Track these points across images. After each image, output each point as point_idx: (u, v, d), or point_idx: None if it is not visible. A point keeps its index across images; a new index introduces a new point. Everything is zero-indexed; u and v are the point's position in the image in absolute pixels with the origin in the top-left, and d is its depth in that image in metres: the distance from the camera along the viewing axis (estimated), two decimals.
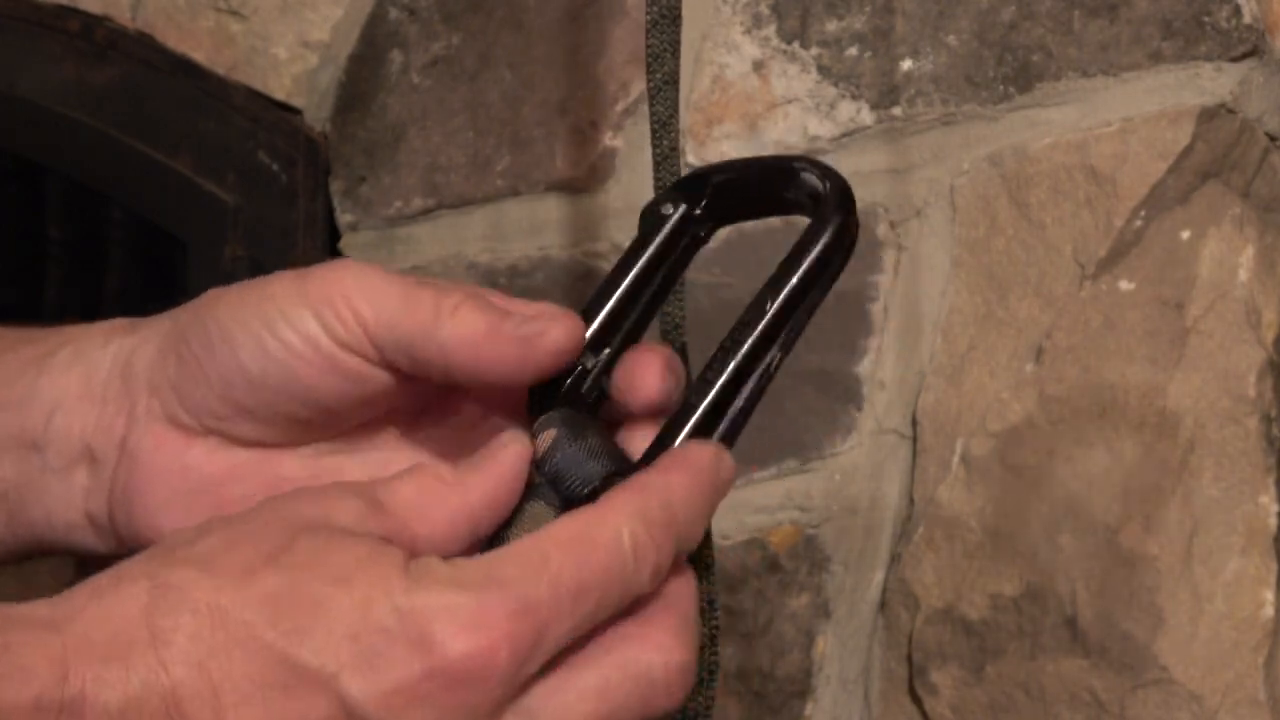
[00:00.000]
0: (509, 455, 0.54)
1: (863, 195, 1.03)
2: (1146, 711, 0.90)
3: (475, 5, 1.19)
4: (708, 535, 0.66)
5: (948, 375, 0.98)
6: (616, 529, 0.51)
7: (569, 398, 0.56)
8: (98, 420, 0.59)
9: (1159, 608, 0.90)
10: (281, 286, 0.60)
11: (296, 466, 0.59)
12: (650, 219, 0.59)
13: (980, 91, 0.98)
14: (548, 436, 0.55)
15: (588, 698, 0.51)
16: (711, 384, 0.55)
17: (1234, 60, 0.92)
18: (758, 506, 1.04)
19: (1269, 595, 0.90)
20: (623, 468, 0.54)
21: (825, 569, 1.02)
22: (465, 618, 0.48)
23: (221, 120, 1.24)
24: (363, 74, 1.24)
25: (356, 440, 0.59)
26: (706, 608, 0.77)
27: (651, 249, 0.59)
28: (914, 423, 0.99)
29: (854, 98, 1.03)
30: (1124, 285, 0.94)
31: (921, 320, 1.00)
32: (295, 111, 1.26)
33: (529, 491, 0.55)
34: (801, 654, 1.02)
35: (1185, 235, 0.93)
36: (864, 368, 1.02)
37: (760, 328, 0.57)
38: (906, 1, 1.01)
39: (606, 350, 0.57)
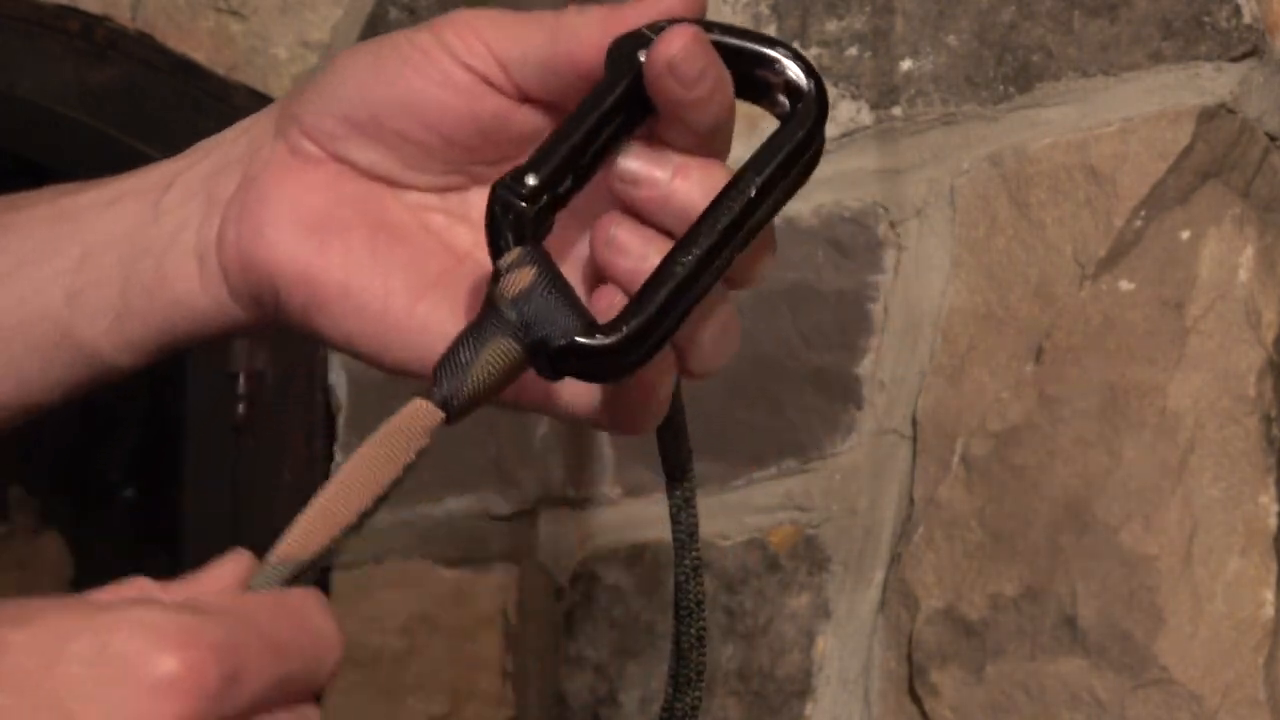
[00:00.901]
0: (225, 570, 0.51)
1: (863, 195, 1.03)
2: (1146, 711, 0.90)
3: (475, 5, 1.19)
4: (694, 529, 0.64)
5: (948, 375, 0.98)
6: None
7: (526, 236, 0.53)
8: (217, 163, 0.59)
9: (1159, 608, 0.90)
10: (405, 30, 0.58)
11: (402, 210, 0.58)
12: (619, 61, 0.54)
13: (980, 91, 0.98)
14: (525, 274, 0.52)
15: None
16: (682, 260, 0.52)
17: (1234, 60, 0.92)
18: (758, 506, 1.04)
19: (1269, 595, 0.90)
20: (591, 330, 0.52)
21: (825, 569, 1.02)
22: (171, 635, 0.46)
23: (221, 120, 1.23)
24: None
25: (466, 189, 0.58)
26: (695, 609, 0.77)
27: (617, 92, 0.53)
28: (914, 423, 0.99)
29: (854, 98, 1.03)
30: (1124, 285, 0.94)
31: (921, 320, 1.00)
32: None
33: (498, 324, 0.52)
34: (801, 654, 1.02)
35: (1185, 235, 0.93)
36: (864, 368, 1.02)
37: (736, 213, 0.53)
38: (906, 1, 1.01)
39: (557, 192, 0.53)
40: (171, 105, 1.22)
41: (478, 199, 0.57)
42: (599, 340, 0.52)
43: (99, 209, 0.61)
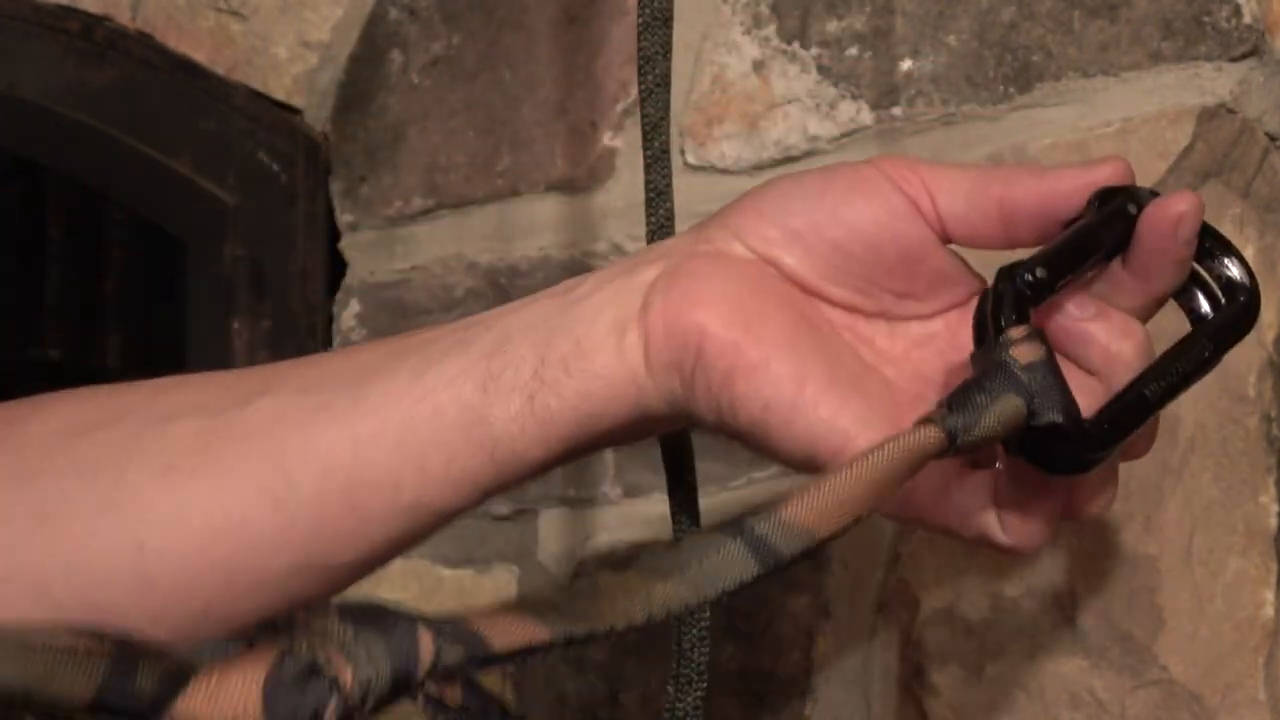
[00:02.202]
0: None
1: None
2: (1146, 711, 0.90)
3: (475, 5, 1.19)
4: (696, 528, 0.65)
5: None
6: None
7: (1027, 317, 0.58)
8: (633, 263, 0.64)
9: (1159, 608, 0.90)
10: (848, 163, 0.64)
11: (817, 314, 0.62)
12: (1110, 211, 0.62)
13: (980, 91, 0.99)
14: (1036, 349, 0.56)
15: None
16: (1152, 387, 0.61)
17: (1234, 60, 0.92)
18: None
19: (1269, 595, 0.90)
20: (1078, 418, 0.57)
21: (825, 569, 1.02)
22: None
23: (221, 120, 1.24)
24: (363, 74, 1.24)
25: (870, 317, 0.63)
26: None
27: (1109, 232, 0.62)
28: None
29: (854, 98, 1.03)
30: None
31: None
32: (295, 111, 1.26)
33: (1012, 383, 0.56)
34: (801, 654, 1.02)
35: None
36: None
37: (1190, 366, 0.63)
38: (906, 1, 1.01)
39: (1047, 293, 0.59)
40: (171, 105, 1.22)
41: (877, 330, 0.63)
42: (1089, 427, 0.58)
43: (513, 310, 0.64)
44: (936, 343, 0.63)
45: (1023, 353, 0.56)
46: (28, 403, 0.68)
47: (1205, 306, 0.64)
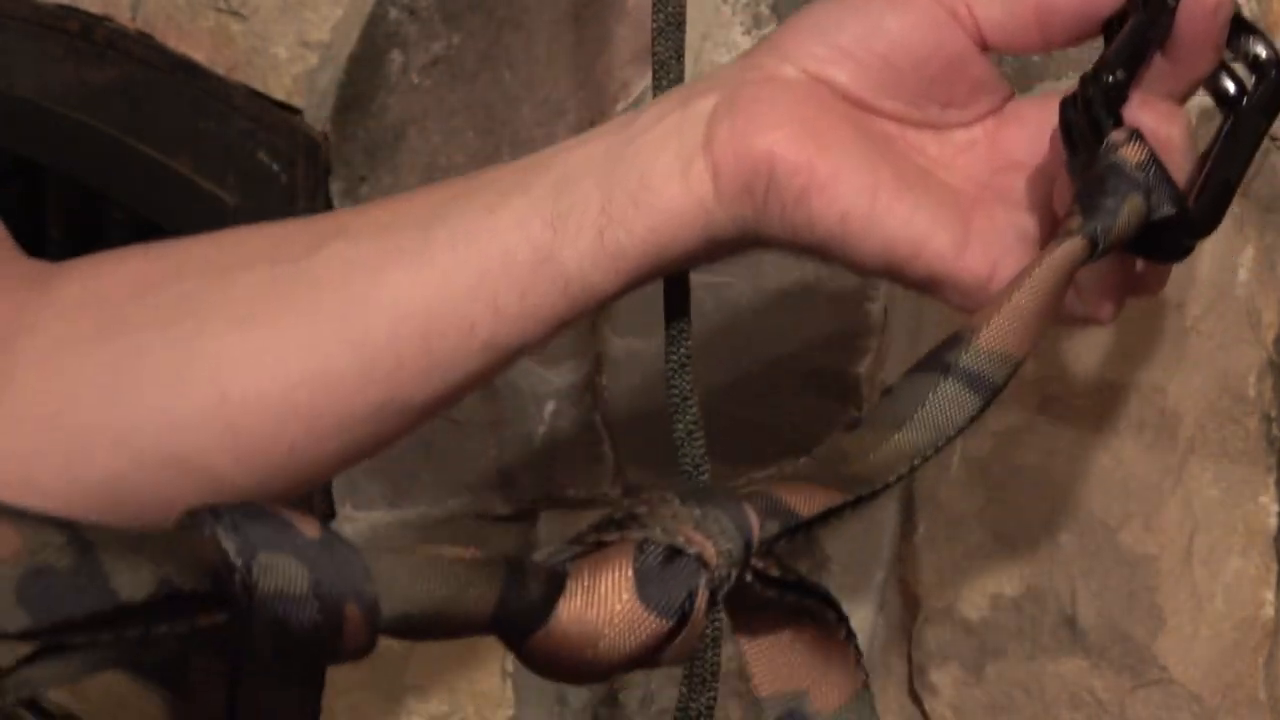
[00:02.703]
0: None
1: None
2: (1146, 711, 0.90)
3: (475, 5, 1.19)
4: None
5: None
6: None
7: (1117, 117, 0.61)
8: (684, 95, 0.65)
9: (1159, 608, 0.90)
10: None
11: (876, 126, 0.64)
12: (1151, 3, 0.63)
13: None
14: (1142, 148, 0.59)
15: None
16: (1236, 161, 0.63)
17: None
18: None
19: (1269, 595, 0.90)
20: (1189, 208, 0.60)
21: (825, 569, 1.02)
22: None
23: (221, 120, 1.24)
24: (363, 74, 1.24)
25: (919, 128, 0.65)
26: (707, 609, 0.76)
27: (1156, 23, 0.63)
28: None
29: None
30: None
31: (921, 320, 1.00)
32: (295, 111, 1.26)
33: (1131, 183, 0.58)
34: None
35: None
36: (864, 368, 1.02)
37: (1253, 137, 0.65)
38: None
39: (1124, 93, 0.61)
40: (171, 105, 1.22)
41: (926, 139, 0.64)
42: (1194, 214, 0.61)
43: (569, 149, 0.65)
44: (978, 148, 0.65)
45: (1131, 153, 0.59)
46: (93, 261, 0.69)
47: (1232, 87, 0.66)
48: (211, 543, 0.42)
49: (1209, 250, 0.92)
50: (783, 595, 0.52)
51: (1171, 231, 0.60)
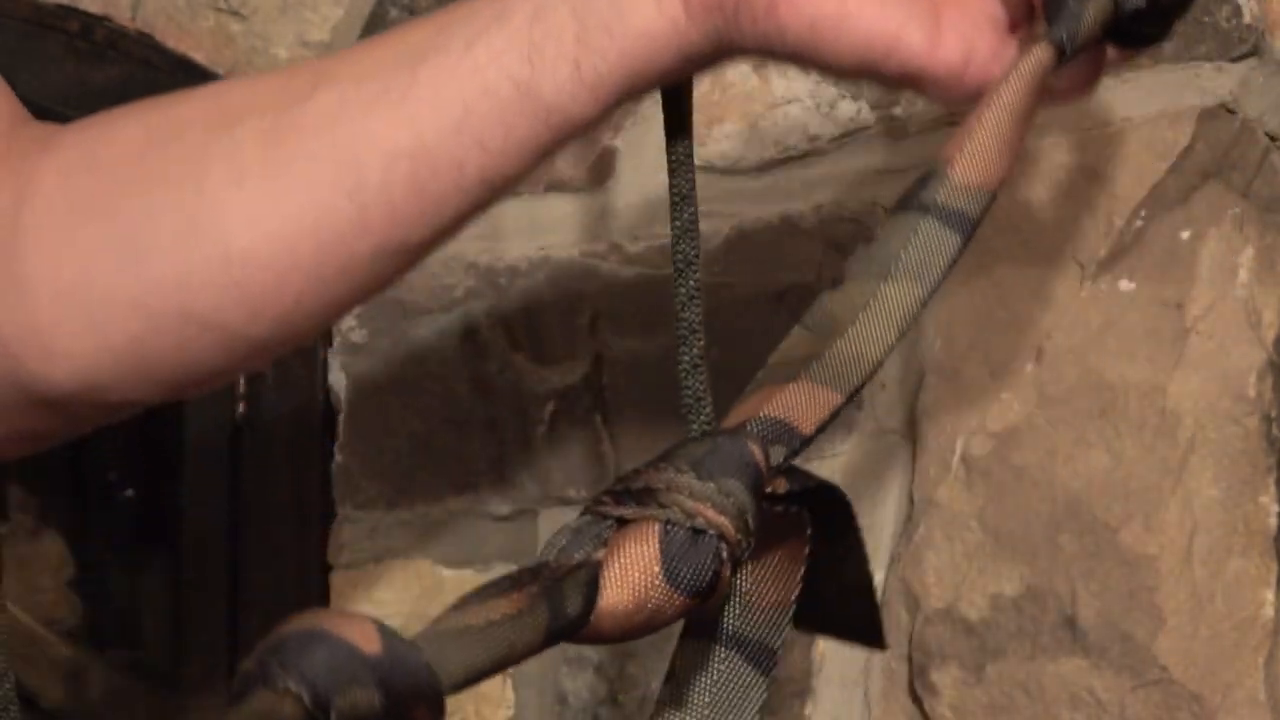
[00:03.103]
0: None
1: (863, 195, 1.03)
2: (1146, 711, 0.90)
3: None
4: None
5: (948, 375, 0.98)
6: None
7: None
8: None
9: (1159, 608, 0.90)
10: None
11: None
12: None
13: None
14: None
15: None
16: None
17: (1234, 60, 0.92)
18: None
19: (1269, 595, 0.90)
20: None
21: None
22: None
23: None
24: None
25: None
26: None
27: None
28: (914, 423, 0.99)
29: (854, 98, 1.02)
30: (1124, 285, 0.94)
31: (921, 320, 1.00)
32: None
33: None
34: (801, 654, 1.02)
35: (1185, 235, 0.93)
36: None
37: None
38: None
39: None
40: None
41: None
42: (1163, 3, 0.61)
43: None
44: None
45: None
46: (87, 125, 0.71)
47: None
48: (288, 699, 0.43)
49: (1209, 250, 0.92)
50: (774, 506, 0.54)
51: (1145, 22, 0.61)
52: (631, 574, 0.51)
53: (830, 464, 1.02)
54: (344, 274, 0.67)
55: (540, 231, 1.16)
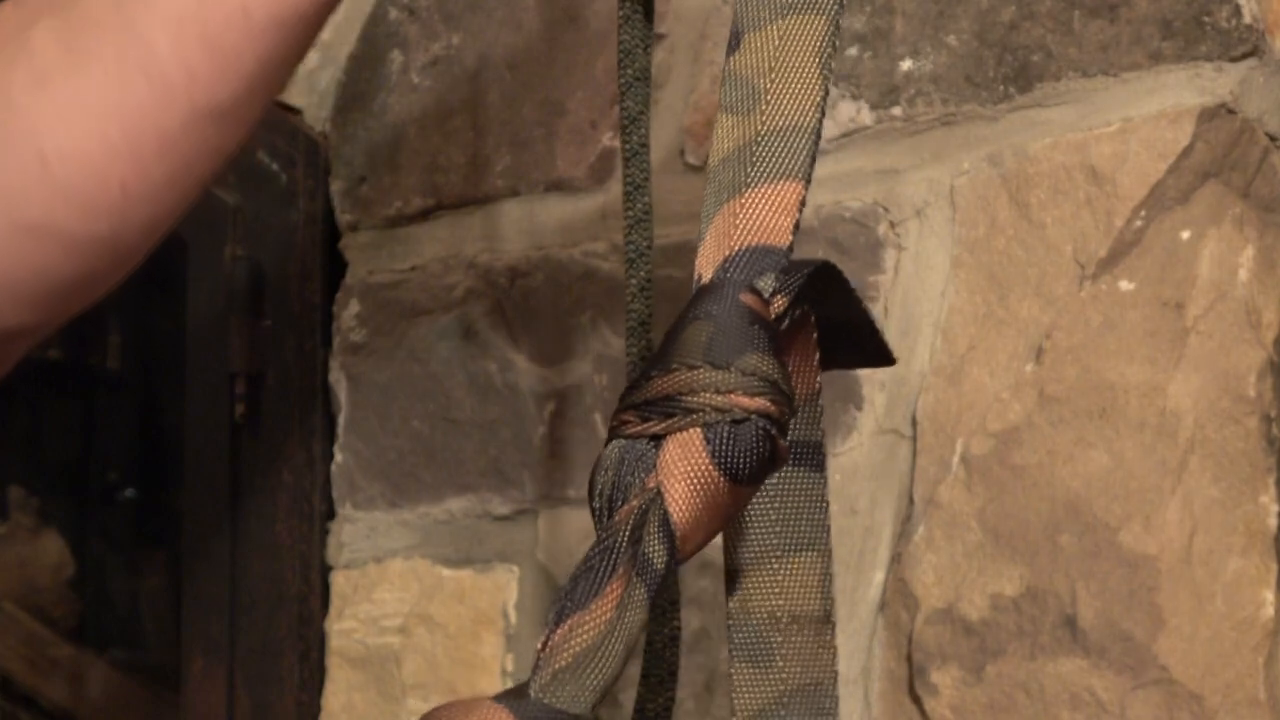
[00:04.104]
0: None
1: (863, 195, 1.03)
2: (1146, 711, 0.90)
3: (475, 5, 1.19)
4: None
5: (948, 375, 0.98)
6: None
7: None
8: None
9: (1159, 608, 0.90)
10: None
11: None
12: None
13: (980, 91, 0.98)
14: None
15: None
16: None
17: (1234, 60, 0.92)
18: None
19: (1269, 595, 0.90)
20: None
21: None
22: None
23: None
24: (363, 74, 1.24)
25: None
26: (669, 608, 0.77)
27: None
28: (914, 423, 0.99)
29: (854, 98, 1.03)
30: (1124, 285, 0.94)
31: (921, 320, 1.00)
32: (295, 111, 1.26)
33: None
34: None
35: (1185, 235, 0.93)
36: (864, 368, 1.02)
37: None
38: (906, 1, 1.01)
39: None
40: None
41: None
42: None
43: None
44: None
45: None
46: None
47: None
48: None
49: (1209, 250, 0.92)
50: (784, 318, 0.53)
51: None
52: (695, 490, 0.50)
53: (830, 464, 1.02)
54: (163, 153, 0.67)
55: (540, 231, 1.16)
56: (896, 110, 1.01)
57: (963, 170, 0.99)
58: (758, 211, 0.53)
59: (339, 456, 1.24)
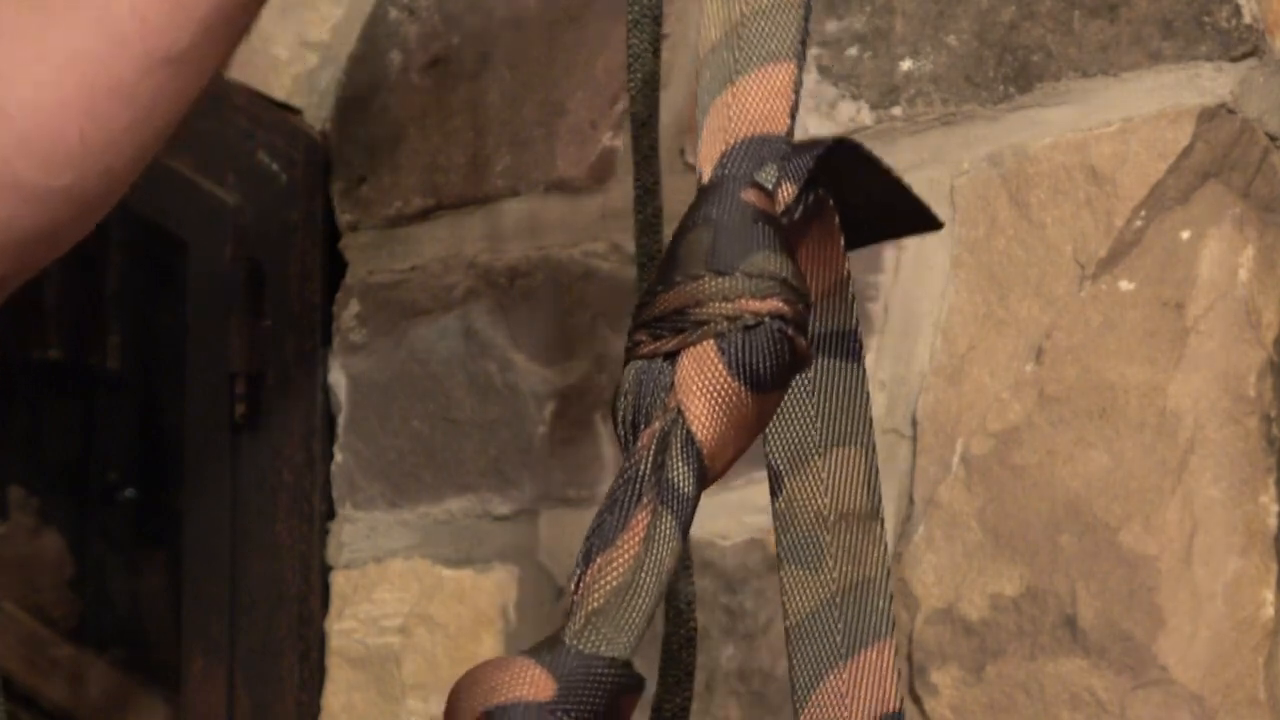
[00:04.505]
0: None
1: None
2: (1146, 711, 0.90)
3: (475, 5, 1.19)
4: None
5: (948, 375, 0.98)
6: None
7: None
8: None
9: (1159, 608, 0.90)
10: None
11: None
12: None
13: (980, 91, 0.98)
14: None
15: None
16: None
17: (1234, 60, 0.92)
18: (758, 506, 1.04)
19: (1269, 595, 0.90)
20: None
21: None
22: None
23: (221, 120, 1.24)
24: (363, 74, 1.24)
25: None
26: (685, 609, 0.77)
27: None
28: (914, 423, 0.99)
29: (854, 98, 1.03)
30: (1124, 285, 0.94)
31: (921, 320, 1.00)
32: (295, 111, 1.26)
33: None
34: None
35: (1185, 235, 0.93)
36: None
37: None
38: (906, 1, 1.01)
39: None
40: None
41: None
42: None
43: None
44: None
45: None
46: None
47: None
48: None
49: (1209, 250, 0.92)
50: (795, 209, 0.51)
51: None
52: (716, 405, 0.48)
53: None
54: (119, 100, 0.68)
55: (540, 231, 1.16)
56: (896, 110, 1.01)
57: (963, 170, 0.99)
58: (750, 100, 0.51)
59: (339, 456, 1.24)
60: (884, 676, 0.53)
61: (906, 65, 1.01)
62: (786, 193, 0.50)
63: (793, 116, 0.51)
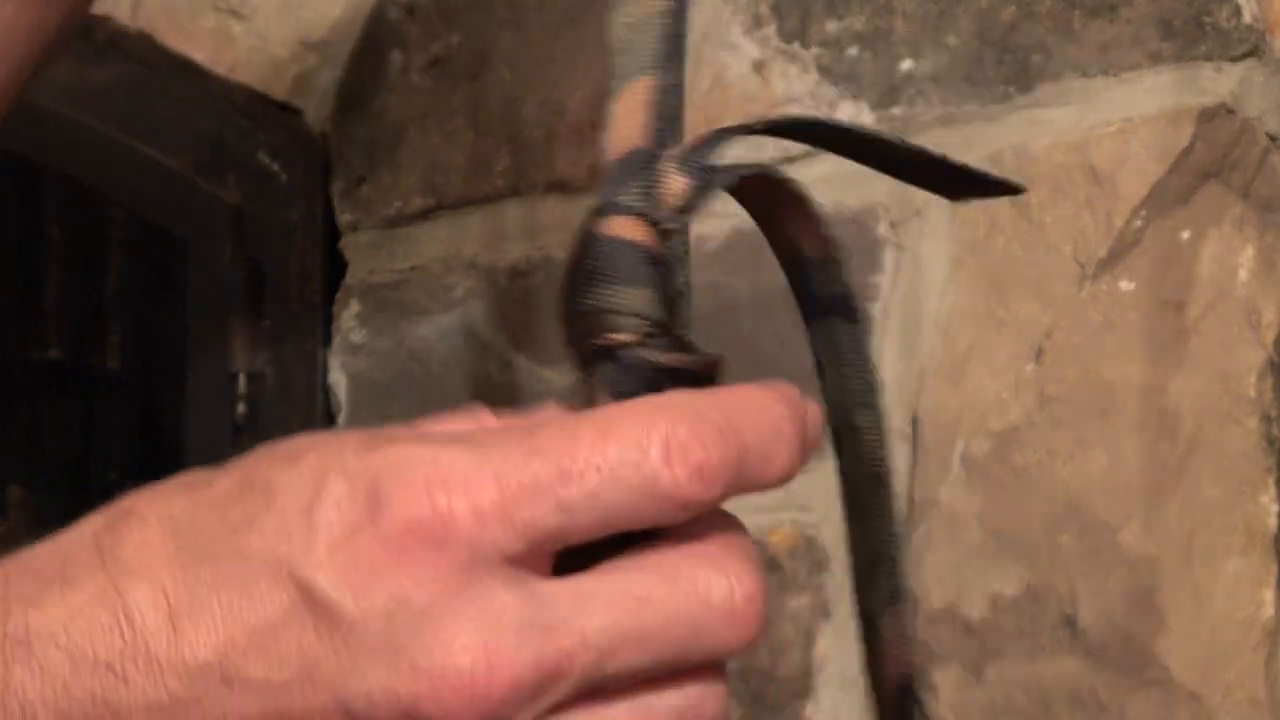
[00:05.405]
0: None
1: (863, 195, 1.03)
2: (1146, 711, 0.90)
3: (475, 5, 1.19)
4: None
5: (948, 375, 0.98)
6: (650, 424, 0.45)
7: None
8: None
9: (1159, 608, 0.90)
10: None
11: None
12: None
13: (980, 91, 0.98)
14: None
15: (616, 601, 0.43)
16: None
17: (1234, 60, 0.92)
18: (757, 506, 1.04)
19: (1269, 595, 0.90)
20: None
21: (825, 569, 1.02)
22: (421, 474, 0.42)
23: (221, 120, 1.24)
24: (363, 74, 1.24)
25: None
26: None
27: None
28: (914, 423, 0.99)
29: (854, 98, 1.02)
30: (1124, 285, 0.94)
31: (921, 320, 1.00)
32: (295, 111, 1.26)
33: None
34: (801, 654, 1.02)
35: (1185, 235, 0.93)
36: None
37: None
38: (906, 1, 1.01)
39: None
40: (171, 105, 1.22)
41: None
42: None
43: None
44: None
45: None
46: None
47: None
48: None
49: (1209, 250, 0.92)
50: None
51: None
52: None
53: (830, 464, 1.02)
54: None
55: (540, 231, 1.16)
56: (897, 110, 1.01)
57: None
58: (616, 122, 0.51)
59: None
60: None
61: (906, 65, 1.01)
62: (676, 187, 0.51)
63: (661, 123, 0.50)
